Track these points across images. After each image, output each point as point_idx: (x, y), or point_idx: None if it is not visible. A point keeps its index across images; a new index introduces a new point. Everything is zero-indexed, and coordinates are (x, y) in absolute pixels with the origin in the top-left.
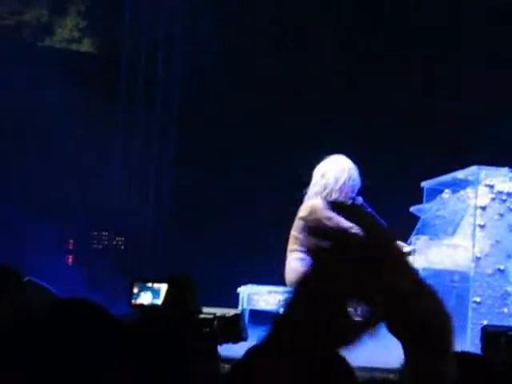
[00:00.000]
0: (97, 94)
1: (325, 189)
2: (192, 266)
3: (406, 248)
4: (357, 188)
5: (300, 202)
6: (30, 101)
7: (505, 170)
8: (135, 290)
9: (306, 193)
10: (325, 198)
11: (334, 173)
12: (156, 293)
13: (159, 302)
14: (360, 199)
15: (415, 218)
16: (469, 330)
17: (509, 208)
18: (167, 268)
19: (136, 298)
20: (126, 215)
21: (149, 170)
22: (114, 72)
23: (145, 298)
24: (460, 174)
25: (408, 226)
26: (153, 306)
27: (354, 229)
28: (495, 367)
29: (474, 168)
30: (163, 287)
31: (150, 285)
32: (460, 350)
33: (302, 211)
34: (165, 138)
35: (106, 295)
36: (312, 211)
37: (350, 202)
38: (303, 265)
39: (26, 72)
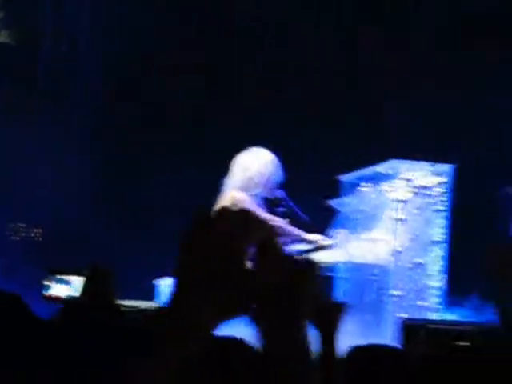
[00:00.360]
0: (15, 85)
1: (247, 182)
2: (109, 257)
3: (326, 241)
4: (279, 181)
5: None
6: None
7: (424, 164)
8: (49, 282)
9: (222, 184)
10: (247, 191)
11: (258, 167)
12: (71, 285)
13: (74, 293)
14: (281, 192)
15: (334, 212)
16: (389, 324)
17: (428, 202)
18: (87, 260)
19: (48, 290)
20: (44, 207)
21: (69, 160)
22: (33, 63)
23: (59, 290)
24: (380, 168)
25: (327, 220)
26: (71, 299)
27: (276, 223)
28: (413, 360)
29: (393, 162)
30: (79, 279)
31: (64, 277)
32: (380, 343)
33: (223, 202)
34: (84, 128)
35: (21, 287)
36: (233, 203)
37: (272, 196)
38: None
39: None
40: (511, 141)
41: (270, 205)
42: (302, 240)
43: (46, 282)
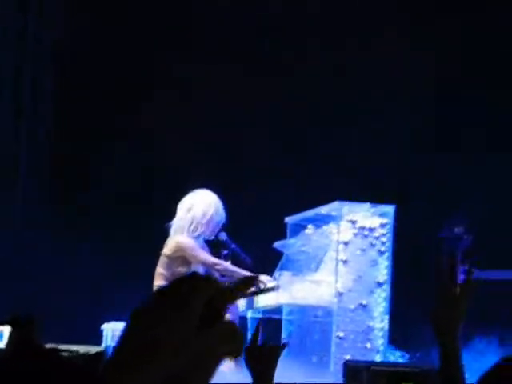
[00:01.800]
0: None
1: (191, 223)
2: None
3: (271, 283)
4: (222, 223)
5: (165, 236)
6: None
7: (367, 205)
8: None
9: (170, 226)
10: (191, 233)
11: (202, 206)
12: (2, 336)
13: (1, 345)
14: (224, 234)
15: (279, 254)
16: (332, 365)
17: (371, 243)
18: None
19: None
20: None
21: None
22: None
23: None
24: (323, 210)
25: (272, 261)
26: None
27: (221, 265)
28: None
29: (336, 203)
30: (6, 329)
31: None
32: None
33: (168, 248)
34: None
35: None
36: (178, 248)
37: (214, 238)
38: None
39: None
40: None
41: (213, 247)
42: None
43: None
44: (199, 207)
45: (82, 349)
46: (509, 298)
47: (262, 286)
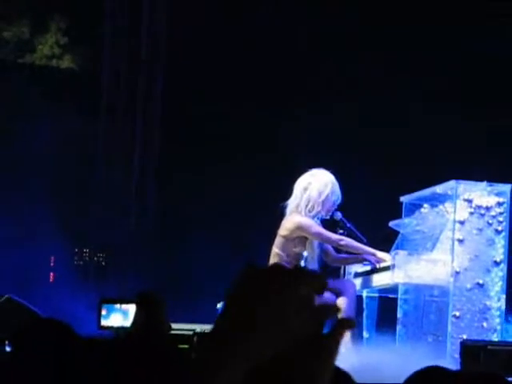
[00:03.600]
0: (77, 109)
1: (308, 203)
2: (173, 280)
3: (388, 261)
4: (338, 202)
5: (281, 216)
6: (11, 117)
7: (483, 184)
8: (104, 312)
9: (285, 206)
10: (307, 212)
11: (318, 186)
12: (125, 314)
13: (128, 323)
14: (339, 214)
15: (395, 233)
16: (448, 345)
17: (487, 222)
18: (148, 285)
19: (105, 319)
20: (107, 231)
21: (130, 184)
22: (95, 87)
23: (114, 320)
24: (438, 189)
25: (388, 241)
26: (122, 328)
27: (344, 241)
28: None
29: (452, 182)
30: (132, 308)
31: (118, 306)
32: (440, 365)
33: (286, 228)
34: (146, 151)
35: (80, 314)
36: (296, 228)
37: (330, 217)
38: None
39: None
40: None
41: (329, 227)
42: (365, 259)
43: (103, 312)
44: (315, 187)
45: (198, 327)
46: None
47: (377, 266)
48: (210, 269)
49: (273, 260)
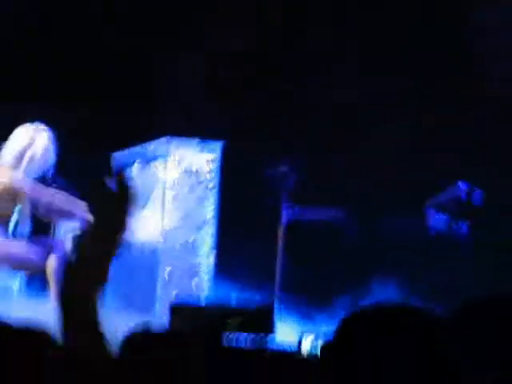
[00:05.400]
0: None
1: (20, 158)
2: None
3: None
4: (51, 160)
5: None
6: None
7: (195, 141)
8: None
9: None
10: (18, 169)
11: (30, 142)
12: None
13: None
14: (51, 172)
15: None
16: (157, 304)
17: (198, 181)
18: None
19: None
20: None
21: None
22: None
23: None
24: (150, 146)
25: None
26: None
27: (58, 194)
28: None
29: (163, 139)
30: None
31: None
32: (152, 323)
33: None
34: None
35: None
36: (10, 182)
37: (42, 175)
38: None
39: None
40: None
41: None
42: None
43: None
44: (27, 142)
45: None
46: None
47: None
48: None
49: None
